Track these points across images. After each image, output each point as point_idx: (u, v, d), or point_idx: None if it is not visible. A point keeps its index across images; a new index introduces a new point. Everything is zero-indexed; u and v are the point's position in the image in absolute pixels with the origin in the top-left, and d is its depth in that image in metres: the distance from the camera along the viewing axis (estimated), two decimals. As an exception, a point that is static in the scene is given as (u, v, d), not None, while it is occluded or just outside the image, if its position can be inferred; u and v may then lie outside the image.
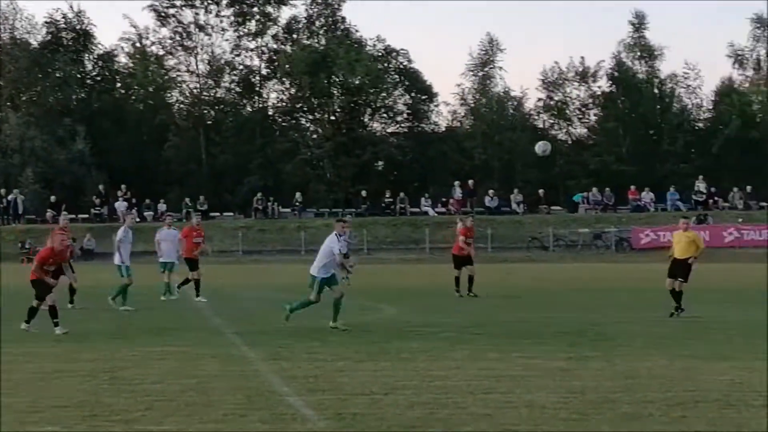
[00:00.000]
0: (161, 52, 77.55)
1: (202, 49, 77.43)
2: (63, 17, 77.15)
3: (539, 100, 79.97)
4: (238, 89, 79.18)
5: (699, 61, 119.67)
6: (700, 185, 63.43)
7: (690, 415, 10.13)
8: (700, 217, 58.25)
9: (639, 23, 79.58)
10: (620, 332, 18.11)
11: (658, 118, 77.85)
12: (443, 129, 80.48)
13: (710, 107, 79.76)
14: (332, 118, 76.98)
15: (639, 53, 79.39)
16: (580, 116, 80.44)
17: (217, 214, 65.11)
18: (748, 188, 63.44)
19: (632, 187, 64.42)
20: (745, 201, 62.51)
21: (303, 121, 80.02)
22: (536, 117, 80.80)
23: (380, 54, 78.64)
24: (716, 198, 62.82)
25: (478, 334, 18.03)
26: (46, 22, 76.77)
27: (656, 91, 79.28)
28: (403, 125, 79.65)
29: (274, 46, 78.92)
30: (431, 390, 11.67)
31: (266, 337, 17.64)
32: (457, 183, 64.99)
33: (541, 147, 17.54)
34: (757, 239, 54.97)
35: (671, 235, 57.13)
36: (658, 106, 78.58)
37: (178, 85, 79.18)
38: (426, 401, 10.91)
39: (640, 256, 53.71)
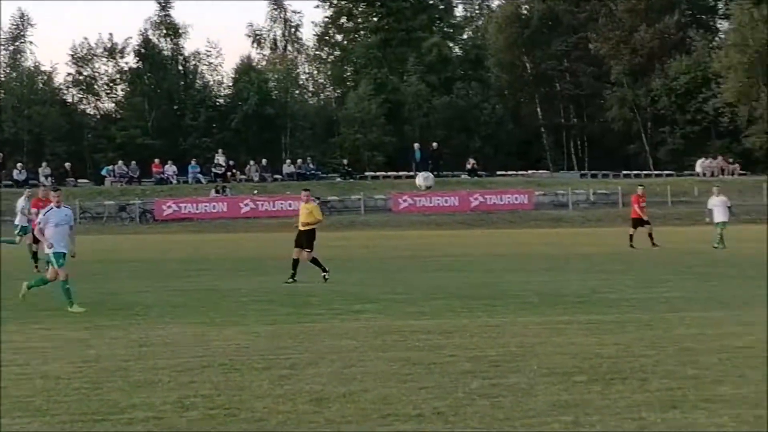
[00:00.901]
0: None
1: None
2: None
3: (69, 74, 79.78)
4: None
5: (220, 39, 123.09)
6: (220, 158, 65.44)
7: (197, 380, 10.48)
8: (218, 189, 60.44)
9: (165, 2, 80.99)
10: (138, 301, 18.49)
11: (182, 94, 79.69)
12: (-27, 103, 77.84)
13: (231, 84, 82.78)
14: None
15: (165, 31, 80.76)
16: (108, 91, 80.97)
17: None
18: (264, 161, 66.39)
19: (156, 161, 65.36)
20: (261, 173, 65.29)
21: None
22: (66, 91, 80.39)
23: None
24: (234, 171, 64.97)
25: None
26: None
27: (180, 68, 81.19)
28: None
29: None
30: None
31: None
32: (-17, 156, 63.35)
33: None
34: (270, 210, 57.31)
35: (197, 207, 59.06)
36: (182, 83, 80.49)
37: None
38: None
39: (162, 227, 54.92)
